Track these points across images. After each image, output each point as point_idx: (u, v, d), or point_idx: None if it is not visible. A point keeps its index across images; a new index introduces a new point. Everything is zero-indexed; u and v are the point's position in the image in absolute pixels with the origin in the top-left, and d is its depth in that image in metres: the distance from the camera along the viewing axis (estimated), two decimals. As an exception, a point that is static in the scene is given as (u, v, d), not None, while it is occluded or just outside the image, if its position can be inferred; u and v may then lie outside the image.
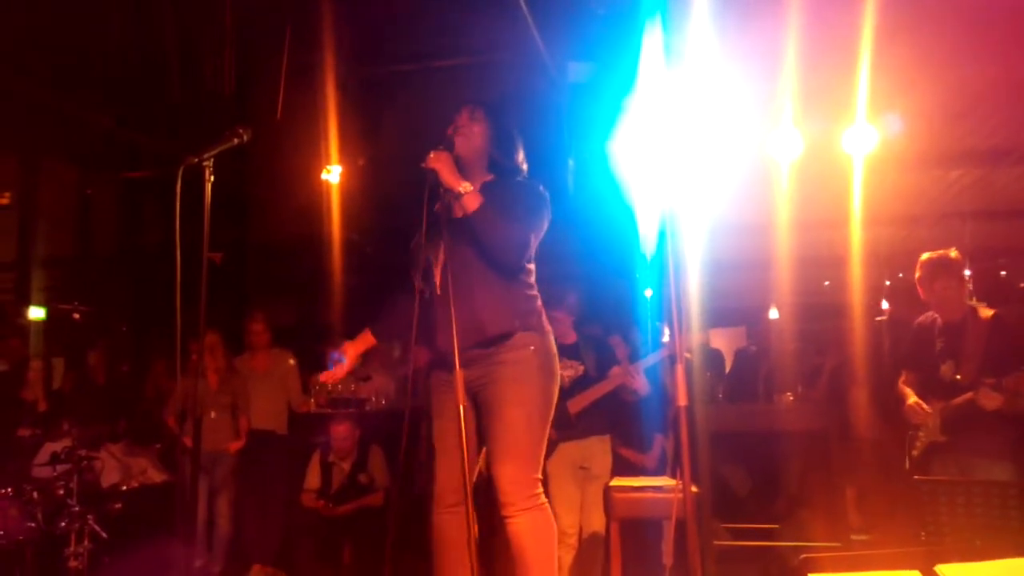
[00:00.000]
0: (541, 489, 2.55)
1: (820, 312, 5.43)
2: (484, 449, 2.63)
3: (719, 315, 6.74)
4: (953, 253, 3.53)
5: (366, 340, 2.78)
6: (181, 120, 6.09)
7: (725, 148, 4.35)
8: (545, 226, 2.64)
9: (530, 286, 2.64)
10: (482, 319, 2.51)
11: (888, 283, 5.32)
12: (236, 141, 2.47)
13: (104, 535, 4.17)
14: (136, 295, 7.60)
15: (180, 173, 2.33)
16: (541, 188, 2.67)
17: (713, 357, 6.35)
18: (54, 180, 8.07)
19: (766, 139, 4.65)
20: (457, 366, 2.36)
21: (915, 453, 3.49)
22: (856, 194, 4.54)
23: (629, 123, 4.30)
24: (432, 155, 2.53)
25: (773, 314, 6.52)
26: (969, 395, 3.27)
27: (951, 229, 5.17)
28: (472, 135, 2.63)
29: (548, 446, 2.62)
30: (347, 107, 6.17)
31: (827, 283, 6.03)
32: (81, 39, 5.71)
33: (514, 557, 2.51)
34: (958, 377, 3.38)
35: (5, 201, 7.79)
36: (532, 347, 2.56)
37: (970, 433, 3.29)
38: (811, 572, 1.63)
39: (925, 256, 3.57)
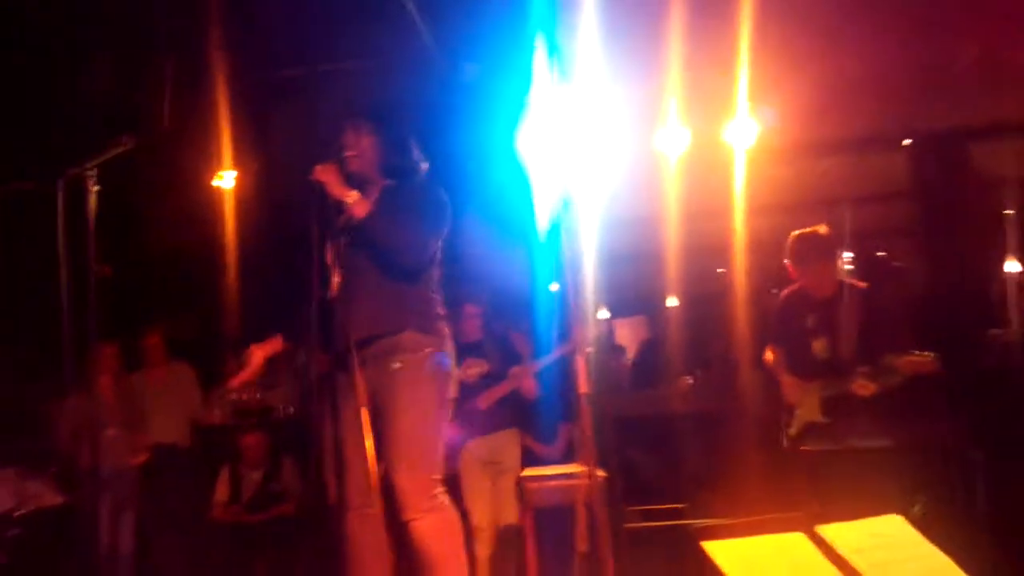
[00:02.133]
0: (441, 489, 2.57)
1: (713, 298, 5.68)
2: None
3: (622, 306, 6.94)
4: (823, 229, 3.43)
5: (274, 344, 2.79)
6: (60, 129, 5.83)
7: (616, 144, 4.50)
8: (444, 229, 2.69)
9: (430, 290, 2.68)
10: (372, 315, 2.55)
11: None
12: (120, 149, 2.42)
13: (3, 561, 3.98)
14: (19, 313, 7.22)
15: (62, 185, 2.28)
16: (440, 192, 2.71)
17: (614, 349, 6.56)
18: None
19: (655, 135, 4.84)
20: (356, 366, 2.39)
21: (792, 432, 3.42)
22: (739, 185, 4.76)
23: (524, 123, 4.39)
24: (318, 168, 2.57)
25: (671, 302, 6.77)
26: (845, 383, 3.23)
27: (829, 215, 5.48)
28: (361, 151, 2.67)
29: (457, 444, 2.67)
30: (238, 112, 6.05)
31: (721, 270, 6.32)
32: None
33: (421, 559, 2.53)
34: (830, 355, 3.32)
35: None
36: (427, 349, 2.59)
37: (850, 415, 3.25)
38: (703, 541, 1.76)
39: (796, 234, 3.45)
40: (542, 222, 4.23)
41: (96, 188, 2.35)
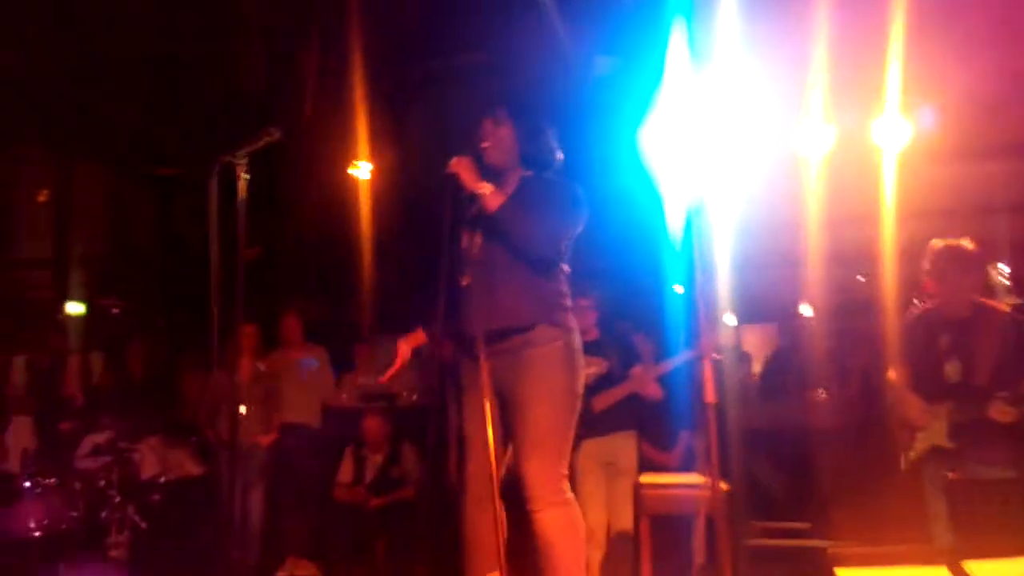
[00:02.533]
0: (568, 484, 2.57)
1: (854, 309, 5.36)
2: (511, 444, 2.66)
3: (750, 312, 6.70)
4: (969, 243, 3.24)
5: (418, 336, 2.83)
6: (214, 119, 6.18)
7: (754, 143, 4.32)
8: (578, 225, 2.67)
9: (560, 283, 2.67)
10: (506, 307, 2.55)
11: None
12: (267, 140, 2.52)
13: (143, 525, 4.27)
14: (173, 291, 7.73)
15: (215, 172, 2.39)
16: (577, 188, 2.70)
17: (741, 357, 6.31)
18: (89, 178, 8.24)
19: (796, 133, 4.61)
20: (483, 360, 2.40)
21: (913, 455, 3.28)
22: (889, 188, 4.47)
23: (657, 118, 4.28)
24: (453, 160, 2.59)
25: (805, 311, 6.47)
26: (982, 405, 3.07)
27: (987, 223, 5.08)
28: (500, 141, 2.67)
29: (573, 443, 2.64)
30: (376, 104, 6.23)
31: (861, 279, 5.98)
32: (114, 40, 5.81)
33: (541, 552, 2.54)
34: (962, 379, 3.17)
35: (42, 199, 7.97)
36: (559, 342, 2.58)
37: (980, 442, 3.10)
38: (837, 567, 1.64)
39: (937, 245, 3.28)
40: (673, 222, 4.12)
41: (246, 176, 2.45)
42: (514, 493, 2.60)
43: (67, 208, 8.13)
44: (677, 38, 3.75)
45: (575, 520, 2.56)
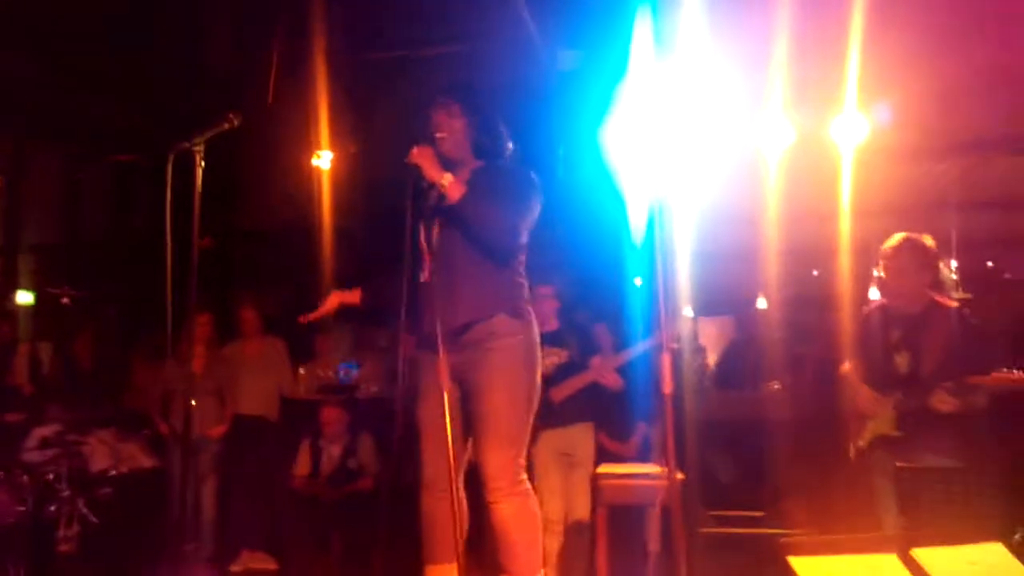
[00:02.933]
0: (525, 475, 2.58)
1: (808, 303, 5.46)
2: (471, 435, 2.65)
3: (707, 305, 6.77)
4: (928, 240, 3.31)
5: (353, 295, 2.84)
6: (172, 105, 6.06)
7: (715, 138, 4.36)
8: (535, 212, 2.67)
9: (519, 274, 2.68)
10: (467, 302, 2.55)
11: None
12: (226, 126, 2.47)
13: (94, 519, 4.18)
14: (125, 280, 7.58)
15: (171, 159, 2.34)
16: (532, 175, 2.69)
17: (696, 350, 6.39)
18: (43, 165, 8.03)
19: (756, 129, 4.67)
20: (441, 350, 2.38)
21: (861, 444, 3.37)
22: (845, 185, 4.54)
23: (620, 111, 4.30)
24: (415, 151, 2.56)
25: (761, 304, 6.56)
26: (924, 398, 3.15)
27: (939, 220, 5.20)
28: (452, 131, 2.66)
29: (531, 434, 2.64)
30: (338, 93, 6.16)
31: (816, 273, 6.08)
32: (72, 22, 5.67)
33: (499, 541, 2.55)
34: (910, 371, 3.26)
35: (-6, 185, 7.75)
36: (519, 335, 2.59)
37: (925, 430, 3.17)
38: (790, 555, 1.66)
39: (901, 236, 3.33)
40: (634, 216, 4.15)
41: (202, 164, 2.41)
42: (474, 484, 2.60)
43: (20, 195, 7.93)
44: (640, 33, 3.77)
45: (532, 510, 2.57)
